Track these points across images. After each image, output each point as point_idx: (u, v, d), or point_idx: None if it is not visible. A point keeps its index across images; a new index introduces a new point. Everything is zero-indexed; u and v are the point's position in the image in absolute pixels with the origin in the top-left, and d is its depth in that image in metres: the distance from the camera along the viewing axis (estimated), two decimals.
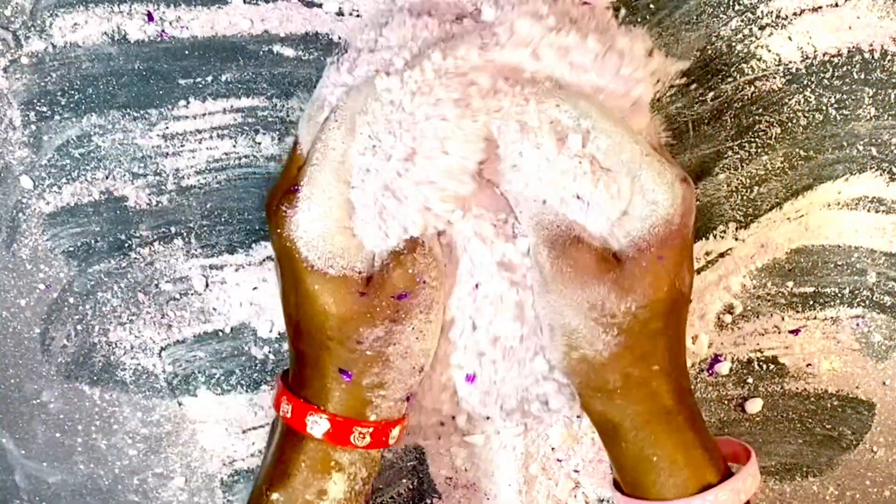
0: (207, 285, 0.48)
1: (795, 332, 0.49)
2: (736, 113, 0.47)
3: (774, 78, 0.47)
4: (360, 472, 0.40)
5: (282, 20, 0.45)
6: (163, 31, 0.45)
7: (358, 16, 0.45)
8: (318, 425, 0.39)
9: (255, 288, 0.48)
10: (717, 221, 0.48)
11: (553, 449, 0.50)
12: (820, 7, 0.46)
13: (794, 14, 0.46)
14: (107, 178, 0.46)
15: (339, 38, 0.45)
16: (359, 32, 0.44)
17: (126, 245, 0.47)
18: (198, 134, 0.46)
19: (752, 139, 0.47)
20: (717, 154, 0.47)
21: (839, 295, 0.49)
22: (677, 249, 0.38)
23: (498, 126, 0.39)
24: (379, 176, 0.38)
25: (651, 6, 0.45)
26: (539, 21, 0.40)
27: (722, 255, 0.48)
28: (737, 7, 0.46)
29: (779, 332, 0.49)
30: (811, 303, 0.49)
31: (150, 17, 0.45)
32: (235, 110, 0.46)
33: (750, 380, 0.50)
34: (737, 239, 0.48)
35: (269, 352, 0.48)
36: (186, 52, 0.45)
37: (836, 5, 0.46)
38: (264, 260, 0.47)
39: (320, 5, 0.45)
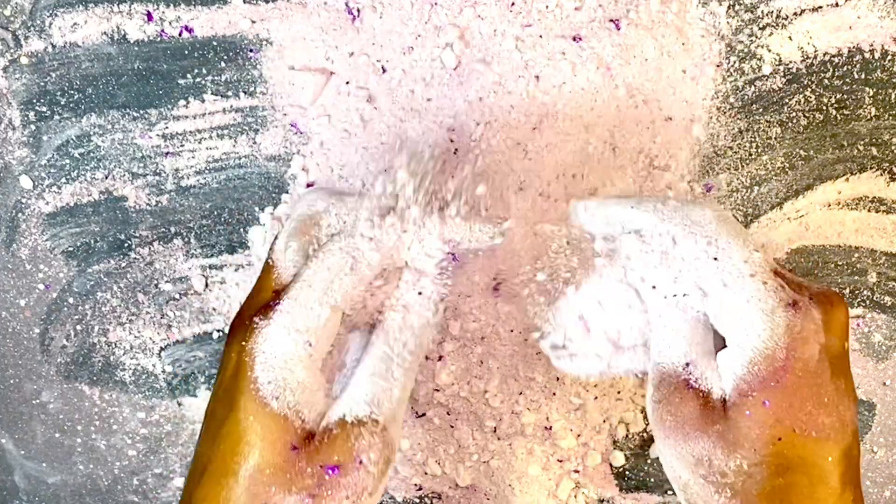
0: (207, 285, 0.48)
1: None
2: (736, 113, 0.47)
3: (774, 78, 0.47)
4: None
5: (282, 20, 0.45)
6: (162, 30, 0.45)
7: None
8: None
9: None
10: None
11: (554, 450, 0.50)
12: (820, 7, 0.46)
13: (794, 14, 0.46)
14: (106, 178, 0.46)
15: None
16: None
17: (125, 245, 0.47)
18: (197, 134, 0.46)
19: (752, 139, 0.47)
20: (717, 154, 0.47)
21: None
22: (789, 391, 0.32)
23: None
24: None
25: None
26: None
27: None
28: (737, 7, 0.46)
29: None
30: None
31: (149, 16, 0.45)
32: (235, 110, 0.46)
33: None
34: None
35: None
36: (186, 52, 0.45)
37: (836, 5, 0.46)
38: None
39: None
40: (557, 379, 0.48)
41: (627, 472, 0.51)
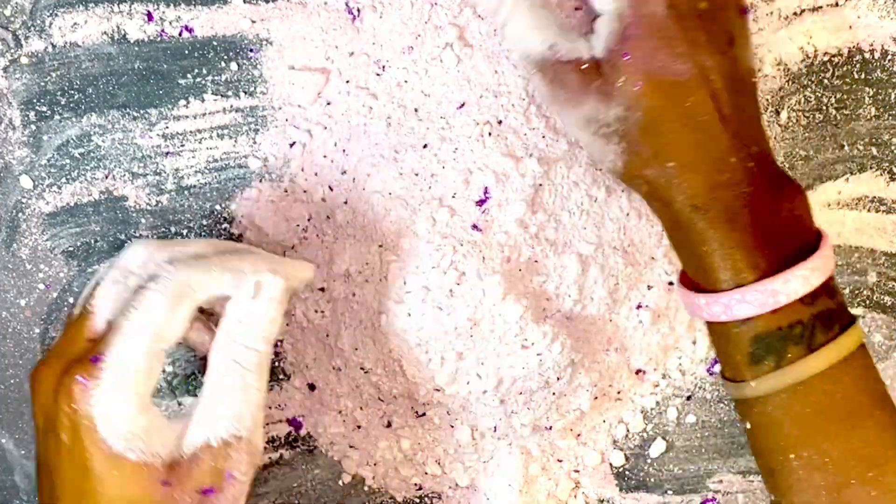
0: None
1: None
2: None
3: (774, 78, 0.47)
4: None
5: (282, 20, 0.45)
6: (162, 30, 0.45)
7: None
8: None
9: None
10: None
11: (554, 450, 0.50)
12: (820, 7, 0.46)
13: (794, 14, 0.46)
14: (106, 177, 0.46)
15: None
16: None
17: (126, 245, 0.47)
18: (198, 134, 0.46)
19: None
20: None
21: None
22: (642, 41, 0.37)
23: None
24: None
25: None
26: None
27: None
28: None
29: None
30: None
31: (149, 16, 0.45)
32: (235, 110, 0.46)
33: None
34: None
35: None
36: (186, 52, 0.45)
37: (837, 5, 0.46)
38: None
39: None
40: (558, 378, 0.48)
41: (627, 472, 0.51)
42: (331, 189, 0.46)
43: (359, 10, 0.45)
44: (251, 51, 0.45)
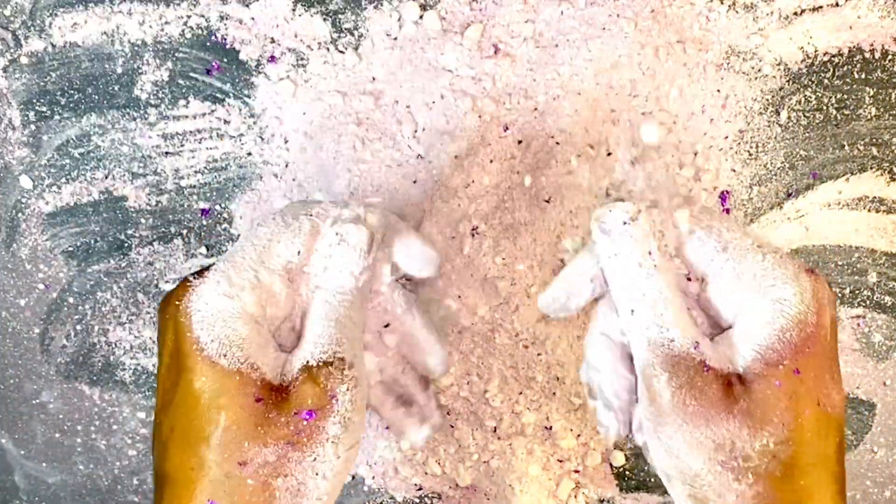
0: None
1: None
2: (736, 113, 0.47)
3: (774, 78, 0.47)
4: None
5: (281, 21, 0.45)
6: (163, 30, 0.45)
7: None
8: None
9: None
10: None
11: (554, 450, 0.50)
12: (820, 7, 0.46)
13: (794, 14, 0.46)
14: (106, 177, 0.46)
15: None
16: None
17: (126, 245, 0.47)
18: (197, 134, 0.46)
19: (752, 139, 0.47)
20: (717, 155, 0.47)
21: (839, 295, 0.49)
22: (817, 358, 0.30)
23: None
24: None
25: None
26: None
27: None
28: (737, 7, 0.46)
29: None
30: None
31: (149, 17, 0.45)
32: (236, 110, 0.46)
33: None
34: None
35: None
36: (187, 52, 0.45)
37: (837, 5, 0.46)
38: None
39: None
40: (557, 379, 0.48)
41: (627, 472, 0.51)
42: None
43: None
44: (251, 51, 0.45)
